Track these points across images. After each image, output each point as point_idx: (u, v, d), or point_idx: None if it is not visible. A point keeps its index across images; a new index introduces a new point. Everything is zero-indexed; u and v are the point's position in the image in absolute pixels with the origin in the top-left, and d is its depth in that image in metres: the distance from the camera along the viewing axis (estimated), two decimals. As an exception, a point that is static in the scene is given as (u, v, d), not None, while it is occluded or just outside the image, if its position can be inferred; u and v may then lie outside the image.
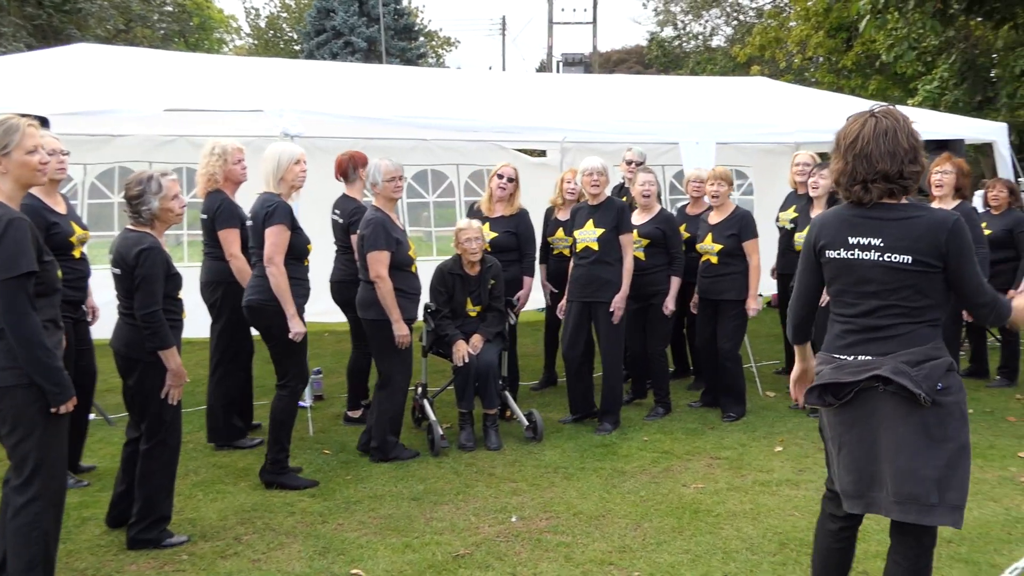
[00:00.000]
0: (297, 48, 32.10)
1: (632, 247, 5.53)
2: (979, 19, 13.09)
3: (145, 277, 3.59)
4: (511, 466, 4.89)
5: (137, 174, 3.73)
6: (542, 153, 10.35)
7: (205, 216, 4.97)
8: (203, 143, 5.10)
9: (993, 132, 8.10)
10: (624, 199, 6.06)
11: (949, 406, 2.53)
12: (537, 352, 7.29)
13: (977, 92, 14.19)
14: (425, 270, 5.81)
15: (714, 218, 5.84)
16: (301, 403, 5.90)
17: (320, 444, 5.30)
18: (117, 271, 3.69)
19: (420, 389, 5.52)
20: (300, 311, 4.49)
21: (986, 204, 6.73)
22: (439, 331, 5.34)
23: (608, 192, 5.61)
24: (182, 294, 3.83)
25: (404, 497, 4.41)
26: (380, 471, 4.79)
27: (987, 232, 6.15)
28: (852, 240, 2.59)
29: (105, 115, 5.97)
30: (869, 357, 2.58)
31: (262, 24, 37.20)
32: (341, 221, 5.49)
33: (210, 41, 31.62)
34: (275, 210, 4.37)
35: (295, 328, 4.38)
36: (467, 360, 5.19)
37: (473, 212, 6.04)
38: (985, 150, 11.23)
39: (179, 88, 6.49)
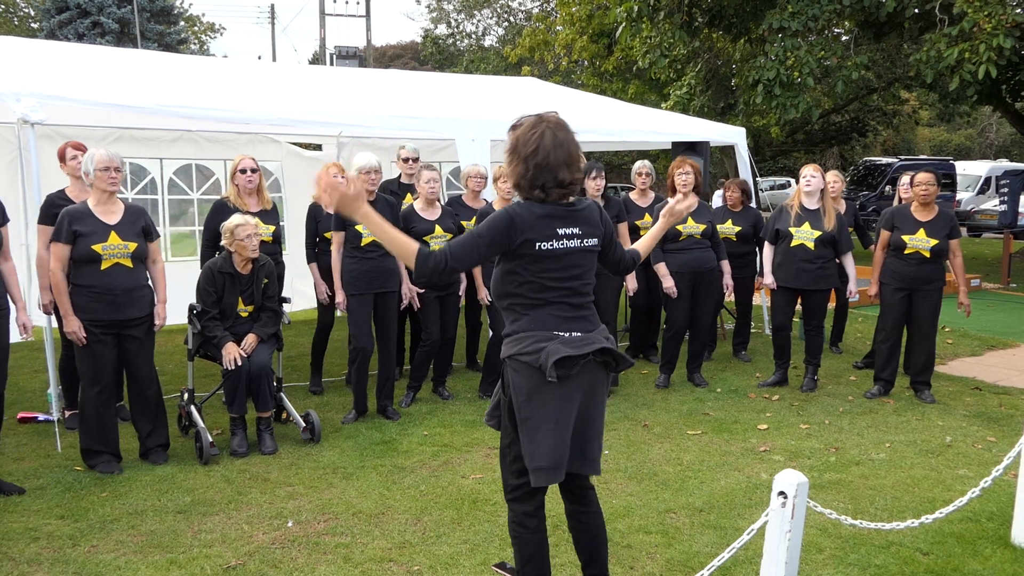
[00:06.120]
0: (35, 26, 28.84)
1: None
2: (720, 32, 14.43)
3: None
4: (287, 469, 4.74)
5: None
6: (317, 147, 10.09)
7: None
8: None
9: (733, 135, 8.95)
10: (399, 194, 6.07)
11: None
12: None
13: (720, 99, 15.61)
14: (192, 270, 5.49)
15: None
16: (48, 416, 5.39)
17: (71, 461, 4.84)
18: None
19: (186, 395, 5.21)
20: None
21: (725, 203, 7.45)
22: (206, 333, 5.05)
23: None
24: None
25: (169, 511, 4.13)
26: (141, 485, 4.46)
27: (735, 228, 7.13)
28: (560, 231, 2.81)
29: None
30: (579, 333, 2.83)
31: (-9, -4, 33.13)
32: None
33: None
34: None
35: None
36: (237, 363, 4.95)
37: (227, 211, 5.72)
38: (728, 151, 12.41)
39: None
